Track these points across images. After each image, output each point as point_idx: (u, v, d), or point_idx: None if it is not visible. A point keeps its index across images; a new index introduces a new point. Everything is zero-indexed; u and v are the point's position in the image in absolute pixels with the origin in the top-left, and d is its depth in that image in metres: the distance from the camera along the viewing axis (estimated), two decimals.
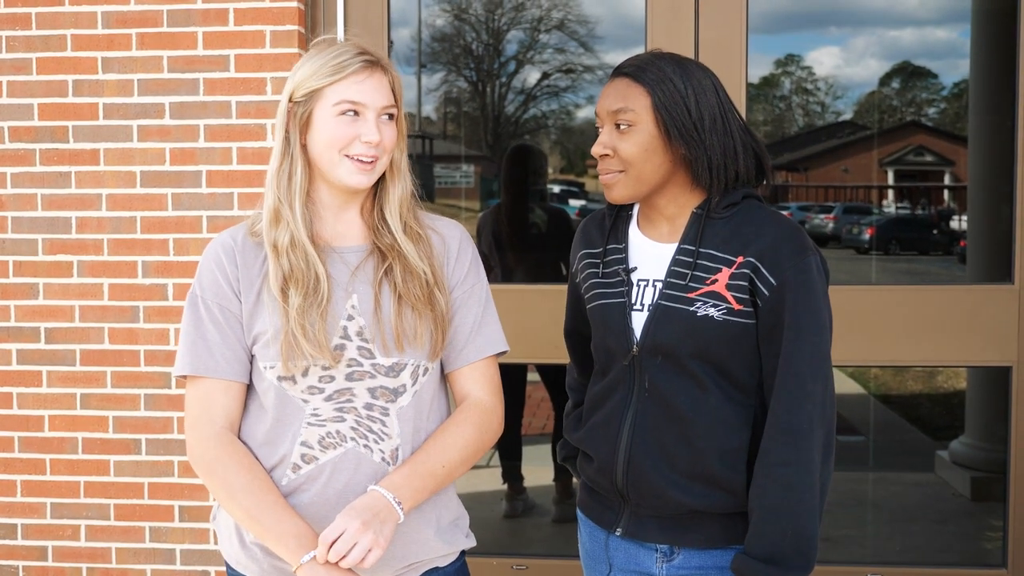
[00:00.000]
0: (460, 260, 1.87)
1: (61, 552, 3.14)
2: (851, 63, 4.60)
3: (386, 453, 1.76)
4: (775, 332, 1.71)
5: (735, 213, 1.77)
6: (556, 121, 4.97)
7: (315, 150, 1.77)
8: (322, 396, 1.75)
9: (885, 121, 5.02)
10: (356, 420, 1.75)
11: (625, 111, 1.75)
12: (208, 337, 1.77)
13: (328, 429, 1.75)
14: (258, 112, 2.98)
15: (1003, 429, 3.11)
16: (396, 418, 1.77)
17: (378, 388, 1.76)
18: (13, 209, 3.09)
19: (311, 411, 1.75)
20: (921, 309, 3.06)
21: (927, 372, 5.13)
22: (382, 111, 1.76)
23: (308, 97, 1.75)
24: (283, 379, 1.75)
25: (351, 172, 1.75)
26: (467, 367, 1.85)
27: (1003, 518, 3.09)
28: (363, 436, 1.75)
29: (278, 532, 1.68)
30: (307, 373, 1.74)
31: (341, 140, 1.74)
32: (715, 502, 1.75)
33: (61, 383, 3.10)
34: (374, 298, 1.77)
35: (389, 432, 1.76)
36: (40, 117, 3.06)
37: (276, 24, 2.97)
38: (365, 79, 1.74)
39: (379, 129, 1.75)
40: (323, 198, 1.82)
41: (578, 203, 5.61)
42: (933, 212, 5.51)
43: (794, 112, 5.19)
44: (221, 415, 1.77)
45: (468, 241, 1.90)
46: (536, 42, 4.59)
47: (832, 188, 5.55)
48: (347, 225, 1.83)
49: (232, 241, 1.83)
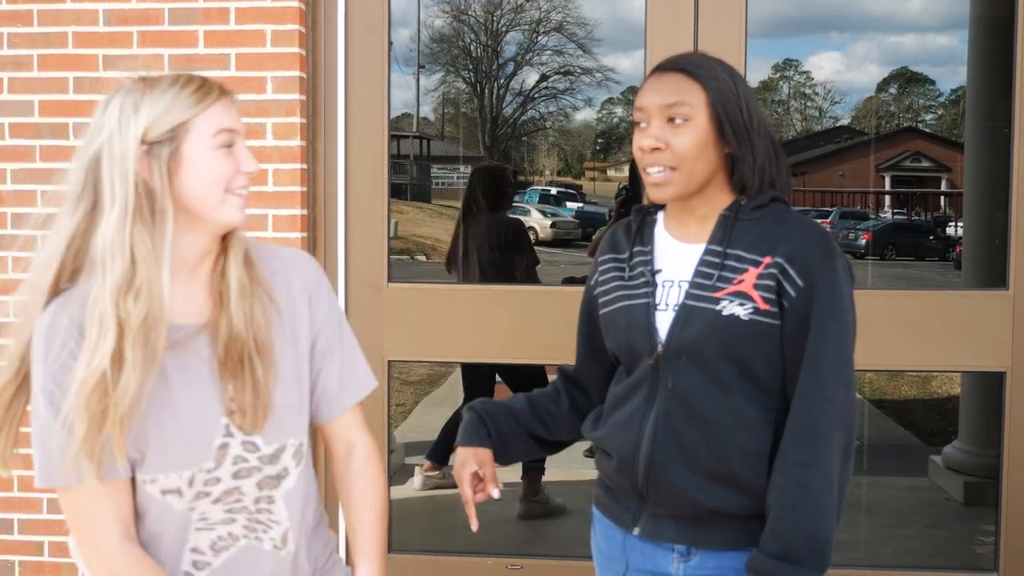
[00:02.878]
0: (317, 302, 1.67)
1: (58, 547, 3.14)
2: (852, 68, 4.62)
3: (276, 539, 1.65)
4: (800, 334, 1.71)
5: (763, 215, 1.78)
6: (554, 123, 4.99)
7: (193, 193, 1.50)
8: (209, 499, 1.58)
9: (882, 126, 5.04)
10: (247, 518, 1.62)
11: (681, 105, 1.73)
12: (58, 438, 1.50)
13: (219, 532, 1.60)
14: (258, 111, 2.98)
15: (996, 434, 3.12)
16: (283, 503, 1.64)
17: (263, 479, 1.61)
18: (13, 205, 3.09)
19: (199, 516, 1.59)
20: (916, 314, 3.07)
21: (921, 377, 5.14)
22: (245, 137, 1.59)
23: (172, 134, 1.49)
24: (167, 493, 1.55)
25: (236, 209, 1.53)
26: (345, 414, 1.74)
27: (995, 523, 3.11)
28: (252, 530, 1.63)
29: None
30: (192, 481, 1.55)
31: (226, 175, 1.51)
32: (734, 503, 1.74)
33: None
34: (242, 380, 1.55)
35: (276, 519, 1.65)
36: (41, 114, 3.07)
37: (277, 23, 2.97)
38: (230, 104, 1.55)
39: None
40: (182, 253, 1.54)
41: (575, 205, 5.62)
42: (929, 218, 5.53)
43: (792, 117, 5.21)
44: (116, 521, 1.53)
45: (319, 274, 1.70)
46: (535, 44, 4.61)
47: (829, 193, 5.57)
48: (196, 289, 1.57)
49: (67, 318, 1.49)
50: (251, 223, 2.96)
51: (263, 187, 2.98)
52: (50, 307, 1.50)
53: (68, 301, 1.49)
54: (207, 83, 1.54)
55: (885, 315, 3.06)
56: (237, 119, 1.55)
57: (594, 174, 5.45)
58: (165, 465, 1.52)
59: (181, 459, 1.53)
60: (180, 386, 1.52)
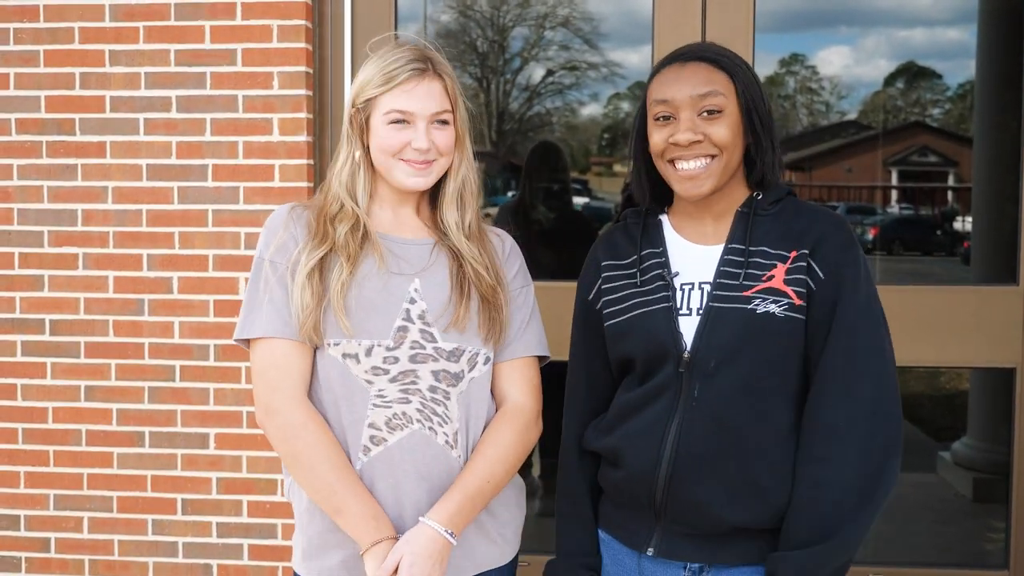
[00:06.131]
0: (510, 262, 1.95)
1: (64, 544, 3.14)
2: (861, 63, 4.60)
3: (449, 436, 1.80)
4: (824, 326, 1.66)
5: (780, 209, 1.74)
6: (560, 118, 4.97)
7: (373, 153, 1.85)
8: (387, 377, 1.78)
9: (889, 121, 5.02)
10: (421, 402, 1.79)
11: (714, 95, 1.69)
12: (276, 299, 1.79)
13: (395, 410, 1.78)
14: (265, 107, 2.97)
15: (1005, 430, 3.10)
16: (456, 403, 1.81)
17: (441, 371, 1.80)
18: (19, 201, 3.08)
19: (376, 392, 1.78)
20: (925, 310, 3.06)
21: (929, 373, 5.13)
22: (433, 117, 1.81)
23: (365, 105, 1.83)
24: (347, 356, 1.78)
25: (407, 174, 1.83)
26: (508, 364, 1.89)
27: (1006, 519, 3.09)
28: (428, 418, 1.79)
29: (356, 512, 1.73)
30: (371, 353, 1.77)
31: (393, 147, 1.81)
32: (757, 517, 1.68)
33: (65, 375, 3.10)
34: (440, 284, 1.82)
35: (451, 416, 1.81)
36: (47, 109, 3.06)
37: (283, 19, 2.96)
38: (414, 87, 1.80)
39: (429, 136, 1.80)
40: (382, 193, 1.89)
41: (581, 200, 5.60)
42: (937, 213, 5.51)
43: (798, 111, 5.19)
44: (300, 380, 1.79)
45: (517, 249, 1.99)
46: (541, 39, 4.59)
47: (836, 188, 5.55)
48: (404, 219, 1.90)
49: (297, 211, 1.87)
50: (257, 217, 2.96)
51: (269, 182, 2.98)
52: (285, 204, 1.89)
53: (309, 204, 1.89)
54: (402, 66, 1.80)
55: (894, 311, 3.01)
56: (421, 102, 1.80)
57: (600, 169, 5.43)
58: (355, 330, 1.76)
59: (361, 329, 1.76)
60: (376, 276, 1.79)
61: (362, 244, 1.81)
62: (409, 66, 1.80)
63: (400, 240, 1.87)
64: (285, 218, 1.86)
